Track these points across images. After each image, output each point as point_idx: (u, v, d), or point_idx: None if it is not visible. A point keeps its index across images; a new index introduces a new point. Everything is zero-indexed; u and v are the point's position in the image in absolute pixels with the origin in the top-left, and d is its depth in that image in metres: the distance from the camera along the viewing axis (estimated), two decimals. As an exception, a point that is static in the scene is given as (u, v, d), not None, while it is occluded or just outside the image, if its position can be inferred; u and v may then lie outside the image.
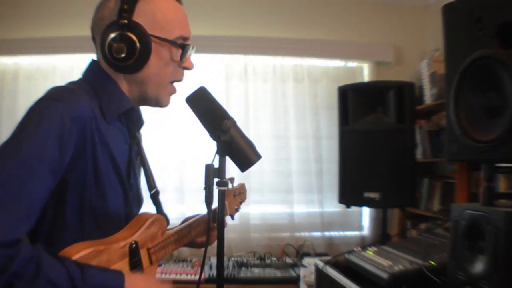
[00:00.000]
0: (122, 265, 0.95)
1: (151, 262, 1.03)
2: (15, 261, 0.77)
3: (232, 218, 1.44)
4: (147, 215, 1.06)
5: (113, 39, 0.97)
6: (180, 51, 1.04)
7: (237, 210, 1.46)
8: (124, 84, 1.04)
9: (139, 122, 1.12)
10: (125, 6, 0.97)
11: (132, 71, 1.01)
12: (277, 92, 3.43)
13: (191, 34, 1.08)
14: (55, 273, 0.80)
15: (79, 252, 0.87)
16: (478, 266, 1.28)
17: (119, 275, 0.90)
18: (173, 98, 1.12)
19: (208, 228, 1.03)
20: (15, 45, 3.18)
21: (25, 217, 0.83)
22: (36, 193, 0.84)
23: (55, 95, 0.92)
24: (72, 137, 0.89)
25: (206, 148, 1.18)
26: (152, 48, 0.99)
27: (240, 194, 1.47)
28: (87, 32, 1.08)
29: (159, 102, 1.08)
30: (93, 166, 0.93)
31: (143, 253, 1.01)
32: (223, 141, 0.97)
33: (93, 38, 1.06)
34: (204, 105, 1.02)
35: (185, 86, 1.11)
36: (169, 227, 1.16)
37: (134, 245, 0.98)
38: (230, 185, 1.35)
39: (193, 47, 1.07)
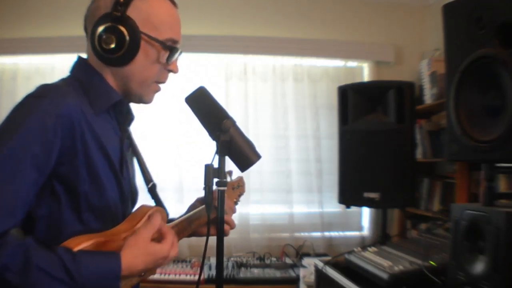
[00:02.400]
0: None
1: None
2: (1, 254, 0.78)
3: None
4: (147, 208, 1.06)
5: (104, 30, 0.98)
6: (167, 53, 1.05)
7: (236, 203, 1.46)
8: (110, 78, 1.05)
9: (128, 116, 1.12)
10: (121, 0, 0.98)
11: (118, 65, 1.02)
12: (277, 92, 3.43)
13: (182, 37, 1.08)
14: (46, 261, 0.81)
15: (80, 244, 0.87)
16: (479, 267, 1.27)
17: (115, 256, 0.88)
18: (172, 98, 1.11)
19: (208, 228, 1.03)
20: (14, 45, 3.17)
21: (9, 214, 0.84)
22: (20, 189, 0.85)
23: (40, 93, 0.93)
24: (57, 134, 0.89)
25: (206, 148, 1.18)
26: (140, 45, 1.00)
27: (239, 187, 1.47)
28: (86, 32, 1.07)
29: (142, 99, 1.09)
30: (85, 160, 0.94)
31: None
32: (222, 141, 0.96)
33: (85, 28, 1.06)
34: (204, 105, 1.01)
35: (185, 86, 1.11)
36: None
37: None
38: (228, 178, 1.35)
39: (180, 52, 1.07)
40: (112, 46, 0.98)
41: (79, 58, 1.08)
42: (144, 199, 1.16)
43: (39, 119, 0.88)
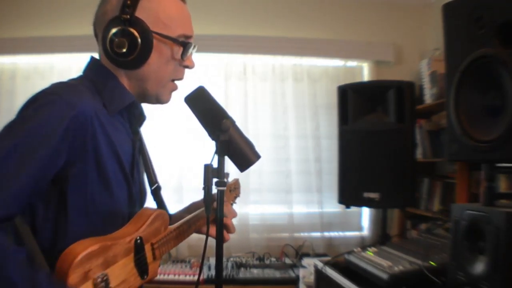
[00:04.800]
0: (127, 261, 0.94)
1: (154, 258, 1.03)
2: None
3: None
4: (150, 210, 1.05)
5: (115, 34, 0.97)
6: (181, 49, 1.04)
7: (231, 205, 1.46)
8: (124, 80, 1.04)
9: (141, 118, 1.12)
10: (128, 2, 0.98)
11: (132, 67, 1.01)
12: (276, 92, 3.43)
13: (193, 33, 1.08)
14: (18, 276, 0.78)
15: (86, 248, 0.85)
16: (479, 267, 1.27)
17: None
18: (172, 97, 1.11)
19: (207, 229, 1.02)
20: (13, 44, 3.17)
21: (3, 204, 0.81)
22: (20, 185, 0.83)
23: (56, 90, 0.91)
24: (69, 132, 0.88)
25: (205, 148, 1.18)
26: (153, 45, 1.00)
27: (235, 189, 1.47)
28: (85, 31, 1.07)
29: (159, 99, 1.09)
30: (95, 162, 0.93)
31: (147, 248, 1.01)
32: (222, 140, 0.96)
33: (95, 34, 1.06)
34: (203, 105, 1.01)
35: (184, 86, 1.11)
36: None
37: (139, 241, 0.98)
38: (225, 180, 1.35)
39: (194, 46, 1.07)
40: (125, 49, 0.97)
41: (92, 59, 1.07)
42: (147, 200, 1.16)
43: (51, 116, 0.86)
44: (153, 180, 1.16)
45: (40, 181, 0.87)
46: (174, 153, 3.27)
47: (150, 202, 1.15)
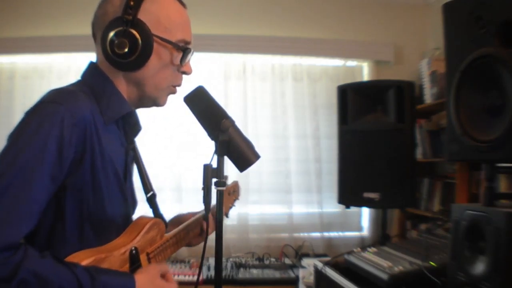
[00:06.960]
0: None
1: None
2: (20, 269, 0.78)
3: (227, 216, 1.44)
4: (145, 219, 1.05)
5: (116, 34, 0.96)
6: (180, 54, 1.04)
7: (230, 208, 1.46)
8: (122, 84, 1.03)
9: (136, 127, 1.11)
10: (131, 3, 0.97)
11: (131, 69, 1.00)
12: (276, 92, 3.42)
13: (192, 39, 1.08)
14: (64, 281, 0.81)
15: (81, 262, 0.86)
16: (479, 267, 1.27)
17: (130, 278, 0.90)
18: (171, 97, 1.11)
19: (207, 229, 1.02)
20: (12, 44, 3.16)
21: (25, 221, 0.83)
22: (35, 197, 0.85)
23: (55, 98, 0.91)
24: (72, 142, 0.88)
25: (205, 148, 1.17)
26: (153, 48, 0.99)
27: (234, 192, 1.47)
28: (84, 31, 1.07)
29: (156, 102, 1.08)
30: (90, 171, 0.93)
31: (143, 258, 1.01)
32: (221, 141, 0.96)
33: (94, 35, 1.05)
34: (203, 105, 1.01)
35: (184, 86, 1.11)
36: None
37: (134, 251, 0.97)
38: None
39: (192, 52, 1.06)
40: (125, 50, 0.96)
41: (91, 64, 1.06)
42: (141, 208, 1.16)
43: (56, 126, 0.87)
44: (148, 188, 1.16)
45: (52, 190, 0.88)
46: (173, 153, 3.26)
47: (146, 210, 1.14)
